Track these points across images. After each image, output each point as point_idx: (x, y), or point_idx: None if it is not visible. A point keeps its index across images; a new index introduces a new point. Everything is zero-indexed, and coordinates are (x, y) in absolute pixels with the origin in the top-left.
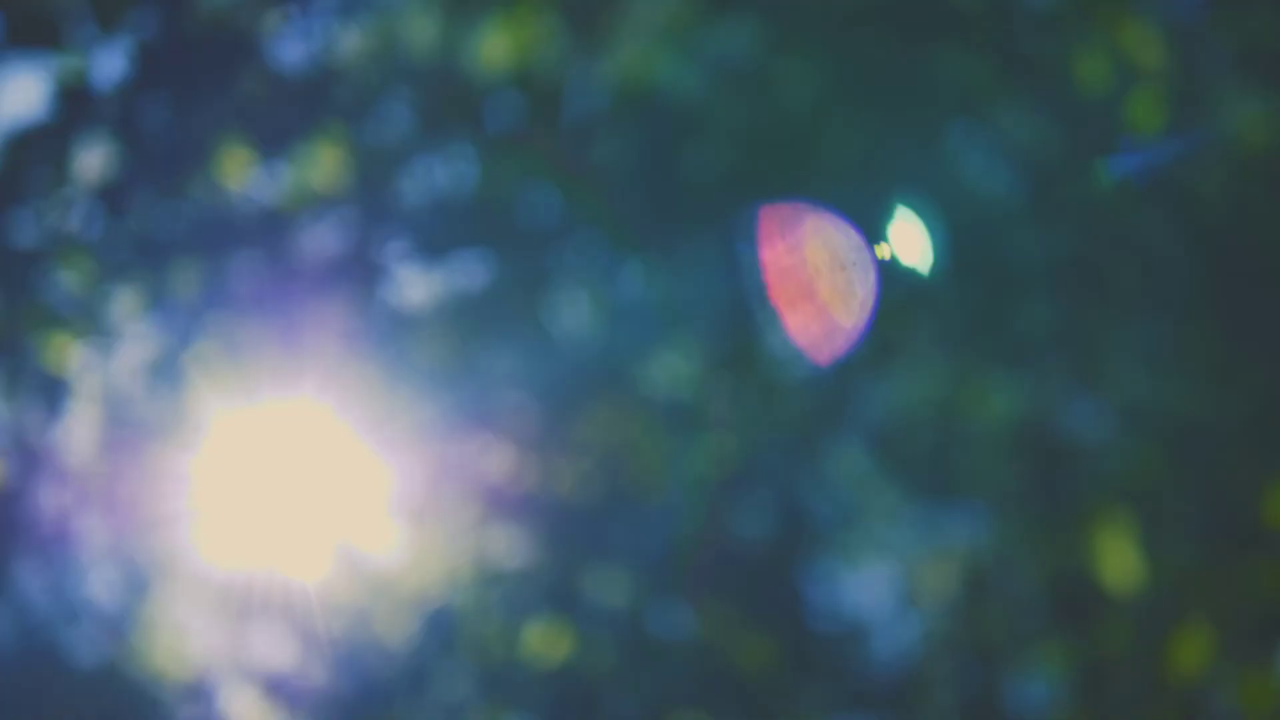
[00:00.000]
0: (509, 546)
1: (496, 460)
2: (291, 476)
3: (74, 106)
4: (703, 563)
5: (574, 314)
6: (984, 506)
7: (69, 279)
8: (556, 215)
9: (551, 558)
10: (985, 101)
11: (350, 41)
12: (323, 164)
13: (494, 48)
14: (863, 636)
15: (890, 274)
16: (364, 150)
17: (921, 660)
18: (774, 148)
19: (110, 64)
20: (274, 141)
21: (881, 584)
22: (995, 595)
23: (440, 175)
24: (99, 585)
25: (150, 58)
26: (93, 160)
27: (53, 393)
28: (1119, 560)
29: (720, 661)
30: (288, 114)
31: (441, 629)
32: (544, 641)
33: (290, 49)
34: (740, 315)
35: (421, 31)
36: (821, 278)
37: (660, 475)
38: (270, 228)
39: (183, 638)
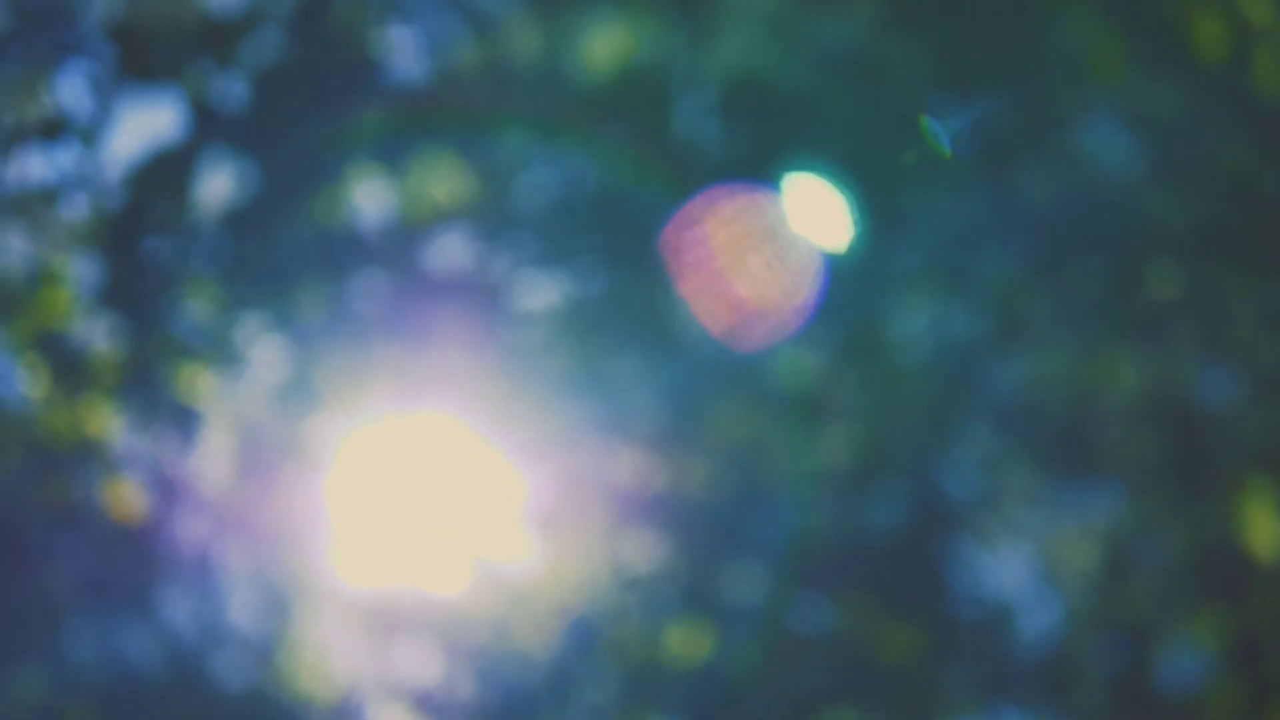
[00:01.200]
0: (644, 549)
1: (627, 464)
2: (426, 491)
3: (196, 134)
4: (839, 554)
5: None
6: (1121, 481)
7: (197, 307)
8: (672, 214)
9: (687, 558)
10: (1107, 69)
11: (460, 54)
12: (442, 177)
13: (599, 50)
14: (1006, 619)
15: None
16: (481, 161)
17: (1067, 640)
18: (886, 133)
19: (230, 90)
20: (392, 158)
21: (1021, 565)
22: (1138, 570)
23: (556, 182)
24: (242, 609)
25: (269, 82)
26: (217, 187)
27: (186, 422)
28: (1265, 528)
29: (862, 653)
30: (402, 130)
31: (581, 635)
32: (684, 642)
33: (404, 65)
34: (861, 303)
35: (527, 39)
36: (744, 258)
37: (791, 469)
38: (393, 244)
39: (327, 657)
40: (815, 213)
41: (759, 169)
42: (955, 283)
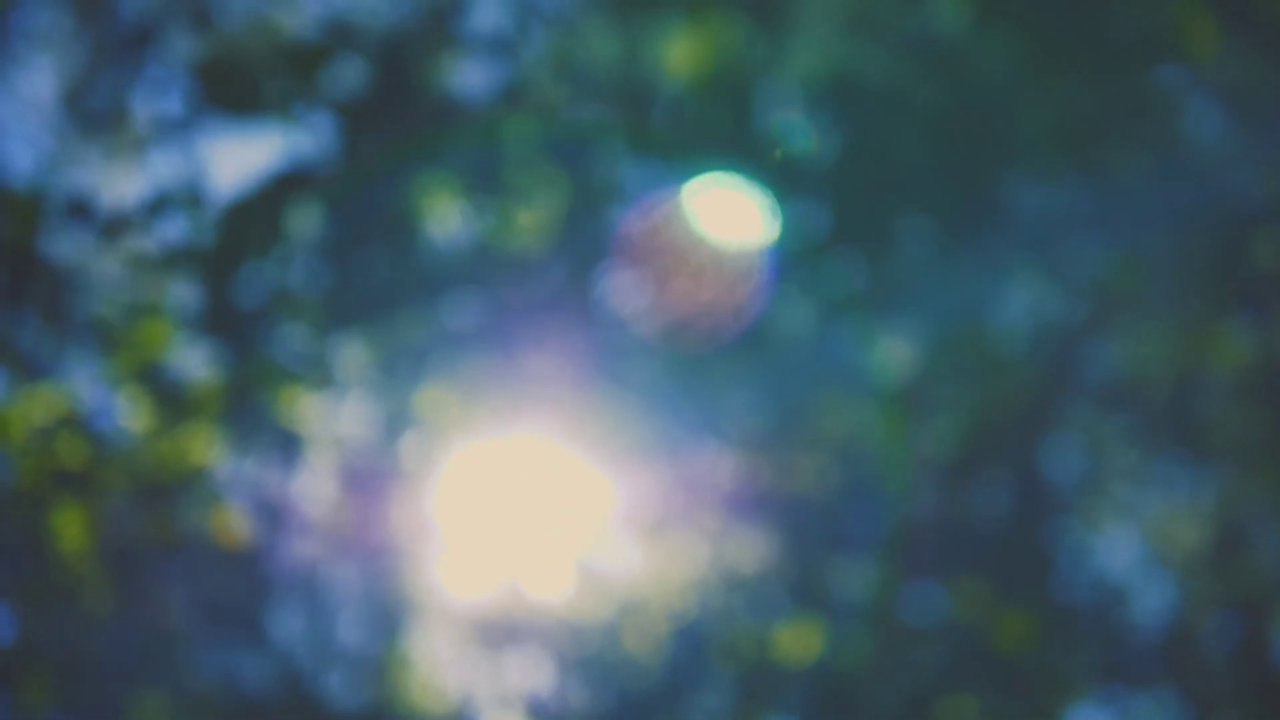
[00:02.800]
0: (750, 549)
1: (730, 466)
2: (531, 502)
3: (288, 162)
4: (947, 544)
5: (792, 311)
6: (1229, 457)
7: (295, 332)
8: (762, 214)
9: (794, 556)
10: (1198, 46)
11: (540, 67)
12: (532, 193)
13: (678, 53)
14: (1119, 602)
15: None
16: (571, 174)
17: (1182, 620)
18: (977, 125)
19: (319, 117)
20: (482, 176)
21: (1131, 546)
22: (1251, 546)
23: (645, 192)
24: (352, 628)
25: (355, 107)
26: (309, 216)
27: (289, 446)
28: None
29: (977, 641)
30: (489, 147)
31: (692, 639)
32: (795, 640)
33: (484, 81)
34: (958, 294)
35: (604, 48)
36: (689, 258)
37: (895, 461)
38: (487, 261)
39: (438, 672)
40: (745, 216)
41: (846, 164)
42: (1053, 267)
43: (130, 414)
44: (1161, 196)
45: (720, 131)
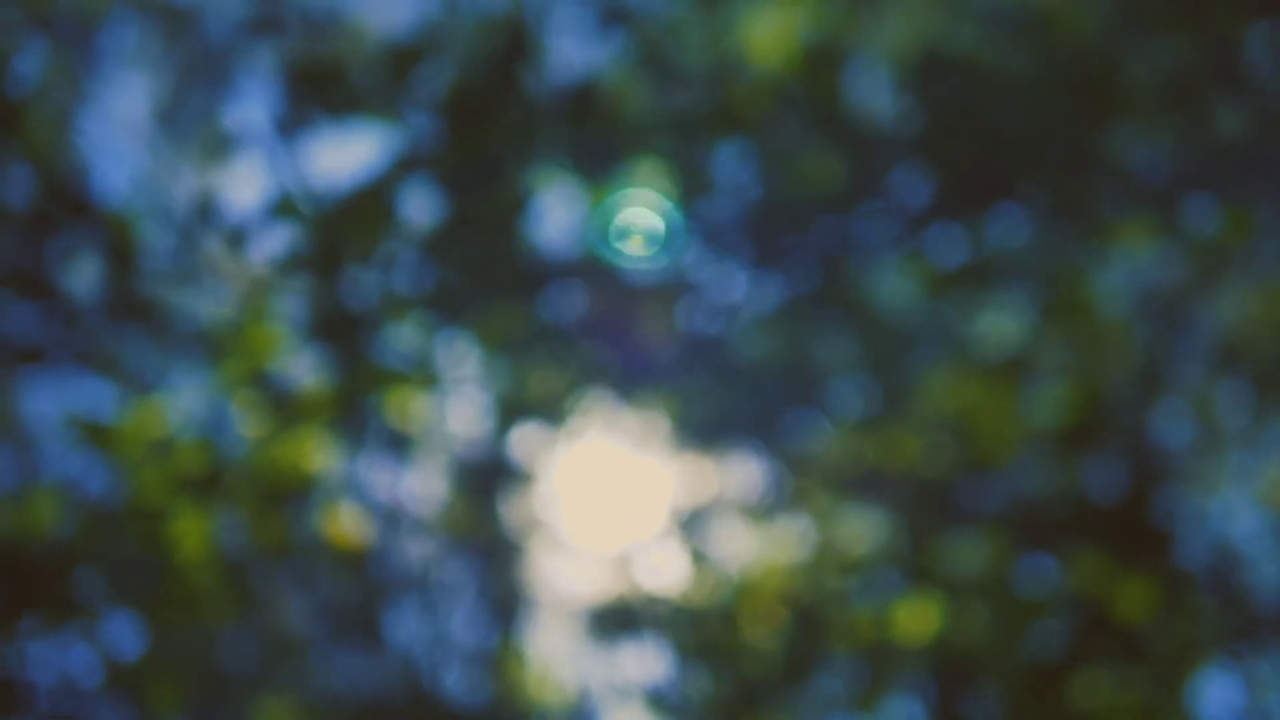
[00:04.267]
0: (863, 529)
1: (839, 445)
2: (640, 492)
3: (390, 163)
4: (1063, 514)
5: (896, 286)
6: None
7: (403, 333)
8: (858, 192)
9: (908, 533)
10: None
11: (629, 58)
12: (632, 183)
13: (764, 37)
14: (1238, 566)
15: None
16: (671, 163)
17: None
18: (1075, 87)
19: (417, 117)
20: (581, 168)
21: (1249, 510)
22: None
23: (744, 178)
24: (469, 625)
25: (452, 105)
26: (412, 215)
27: (401, 447)
28: None
29: (1097, 612)
30: (586, 139)
31: (808, 622)
32: (913, 619)
33: (574, 72)
34: (1063, 260)
35: (691, 36)
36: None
37: (1006, 433)
38: (590, 253)
39: (555, 665)
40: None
41: (942, 136)
42: (1160, 227)
43: (243, 422)
44: (1269, 150)
45: (812, 113)
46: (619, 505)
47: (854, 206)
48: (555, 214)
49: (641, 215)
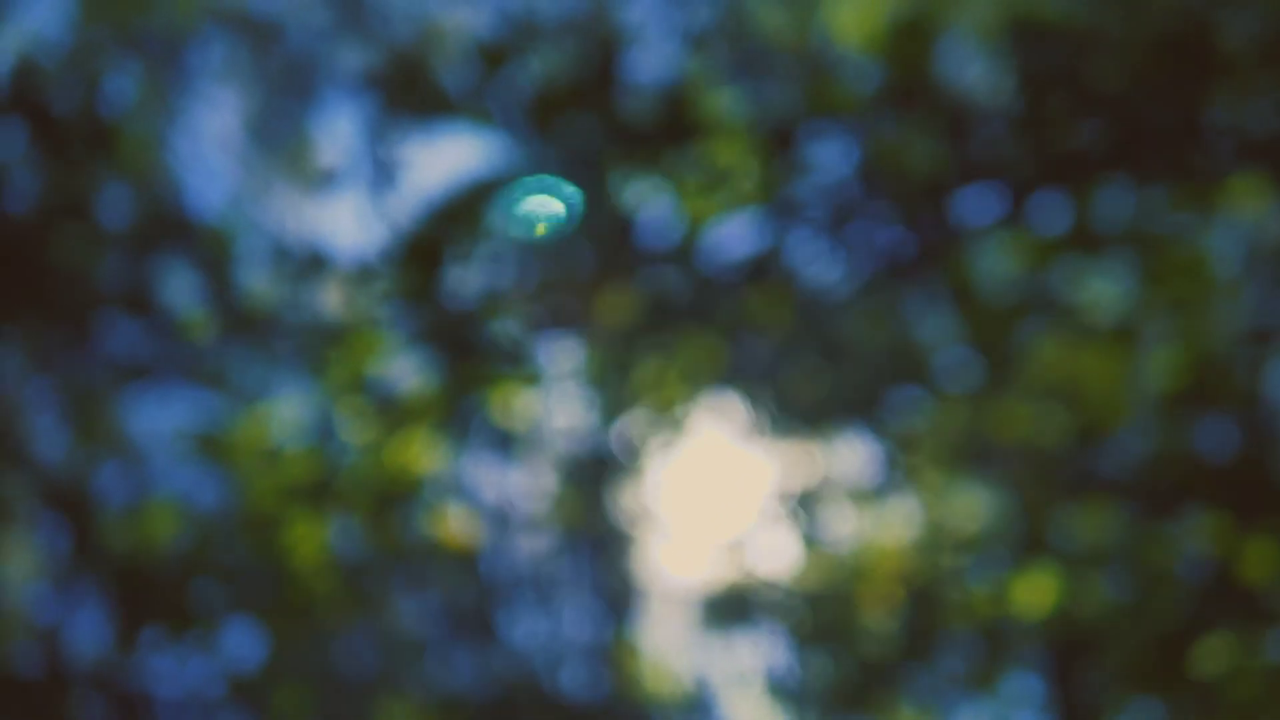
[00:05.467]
0: (976, 503)
1: (948, 419)
2: (749, 478)
3: (484, 162)
4: (1180, 478)
5: (998, 258)
6: None
7: (503, 330)
8: (955, 166)
9: (1022, 505)
10: None
11: (715, 41)
12: (723, 168)
13: (851, 17)
14: None
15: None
16: (761, 146)
17: None
18: (1172, 47)
19: (508, 112)
20: (671, 154)
21: None
22: None
23: (832, 157)
24: (582, 619)
25: (544, 103)
26: (510, 213)
27: (508, 444)
28: None
29: (1219, 575)
30: (674, 125)
31: (925, 601)
32: (1031, 592)
33: (662, 60)
34: (1168, 221)
35: (774, 19)
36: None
37: (1119, 399)
38: (684, 240)
39: (671, 657)
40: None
41: (1038, 104)
42: (1265, 184)
43: (351, 427)
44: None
45: (904, 90)
46: (728, 493)
47: (952, 180)
48: (652, 204)
49: (541, 199)
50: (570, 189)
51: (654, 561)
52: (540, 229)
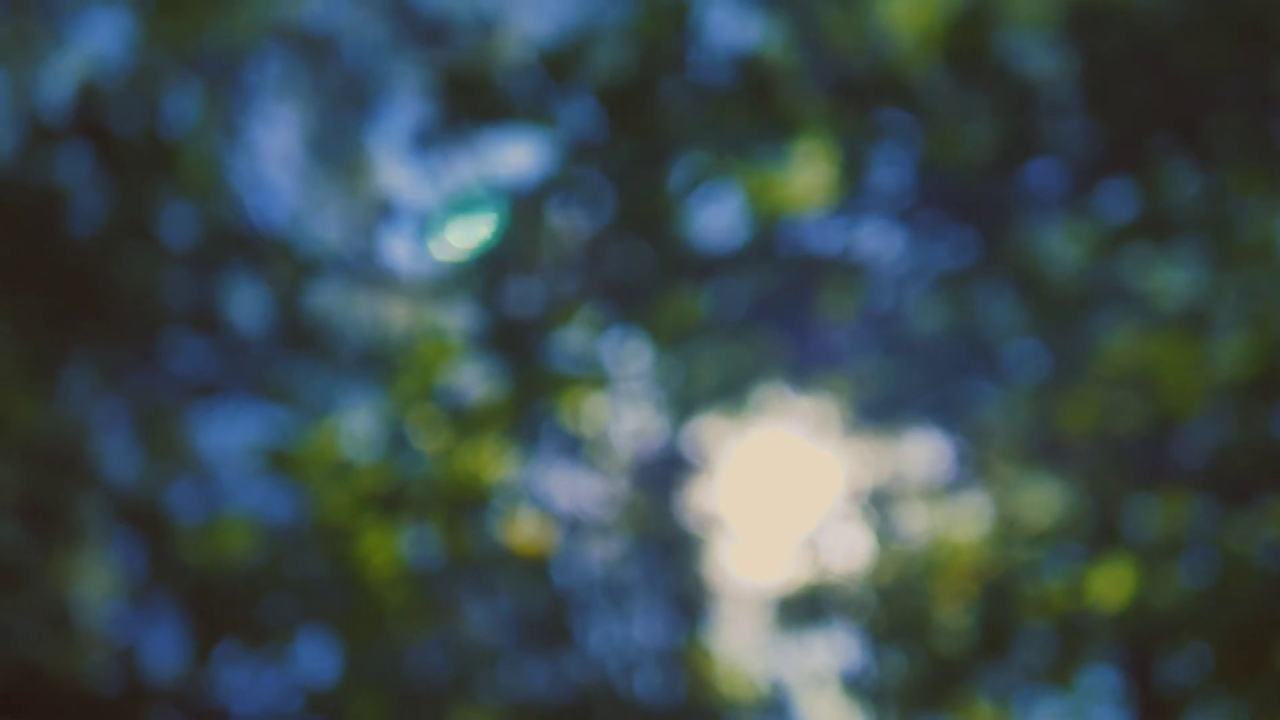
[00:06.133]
0: (1049, 496)
1: (1019, 413)
2: (819, 476)
3: (550, 166)
4: (1257, 465)
5: (1065, 246)
6: None
7: (571, 335)
8: (1020, 152)
9: (1096, 497)
10: None
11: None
12: (793, 167)
13: (905, 12)
14: None
15: None
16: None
17: None
18: (1237, 26)
19: (576, 116)
20: (740, 154)
21: None
22: None
23: (900, 153)
24: (656, 624)
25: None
26: (573, 218)
27: (577, 449)
28: None
29: None
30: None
31: (1000, 595)
32: (1106, 585)
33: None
34: (1236, 206)
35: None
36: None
37: (1192, 387)
38: (753, 240)
39: (745, 658)
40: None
41: (1101, 90)
42: None
43: (420, 436)
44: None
45: (967, 76)
46: (799, 492)
47: (1017, 167)
48: (716, 202)
49: (466, 206)
50: (495, 203)
51: (726, 563)
52: (469, 244)
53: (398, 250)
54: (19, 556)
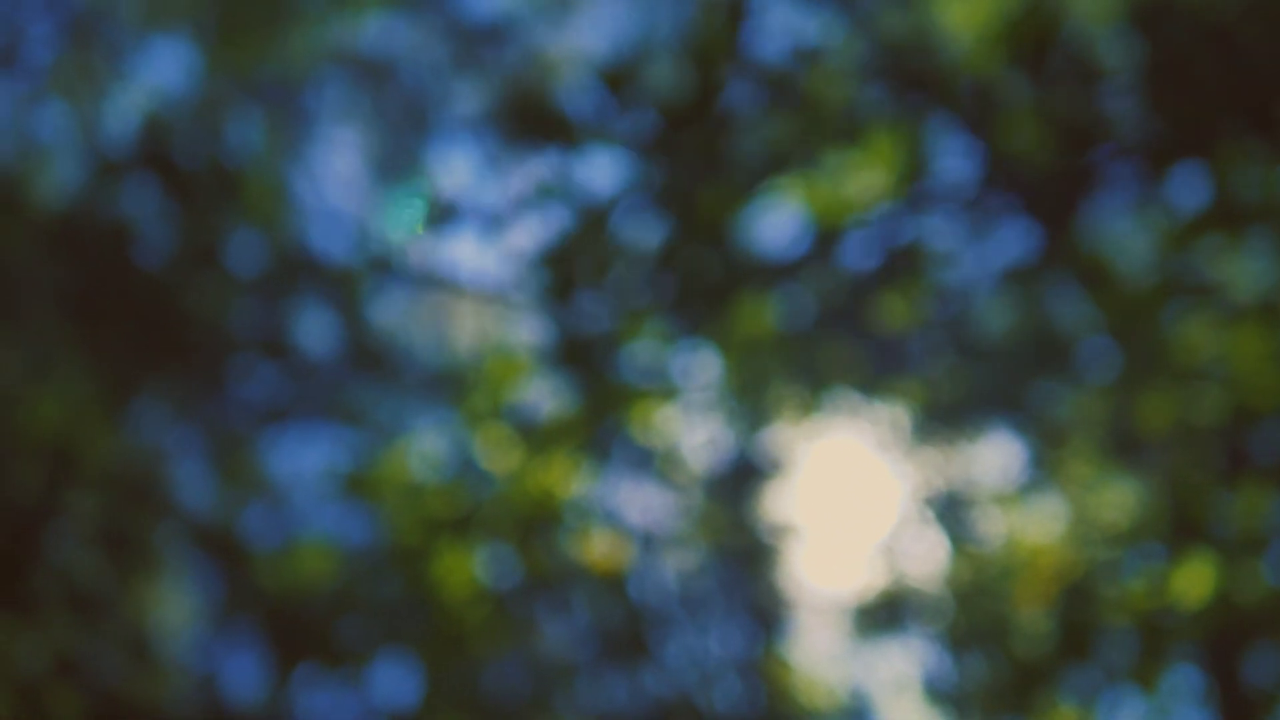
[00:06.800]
0: (1128, 493)
1: (1093, 410)
2: (892, 484)
3: (609, 185)
4: None
5: (1134, 239)
6: None
7: (640, 349)
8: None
9: (1177, 492)
10: None
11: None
12: (856, 170)
13: (962, 12)
14: None
15: None
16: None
17: None
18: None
19: (631, 136)
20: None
21: None
22: None
23: (962, 150)
24: (734, 635)
25: (667, 121)
26: (638, 231)
27: (649, 462)
28: None
29: None
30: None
31: (1081, 597)
32: (1190, 582)
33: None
34: None
35: (889, 20)
36: None
37: (1271, 378)
38: (817, 244)
39: (824, 667)
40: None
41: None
42: None
43: (493, 455)
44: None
45: (1029, 71)
46: (873, 498)
47: (1084, 160)
48: (780, 209)
49: (409, 204)
50: (426, 189)
51: (801, 572)
52: (413, 228)
53: (462, 269)
54: (99, 586)
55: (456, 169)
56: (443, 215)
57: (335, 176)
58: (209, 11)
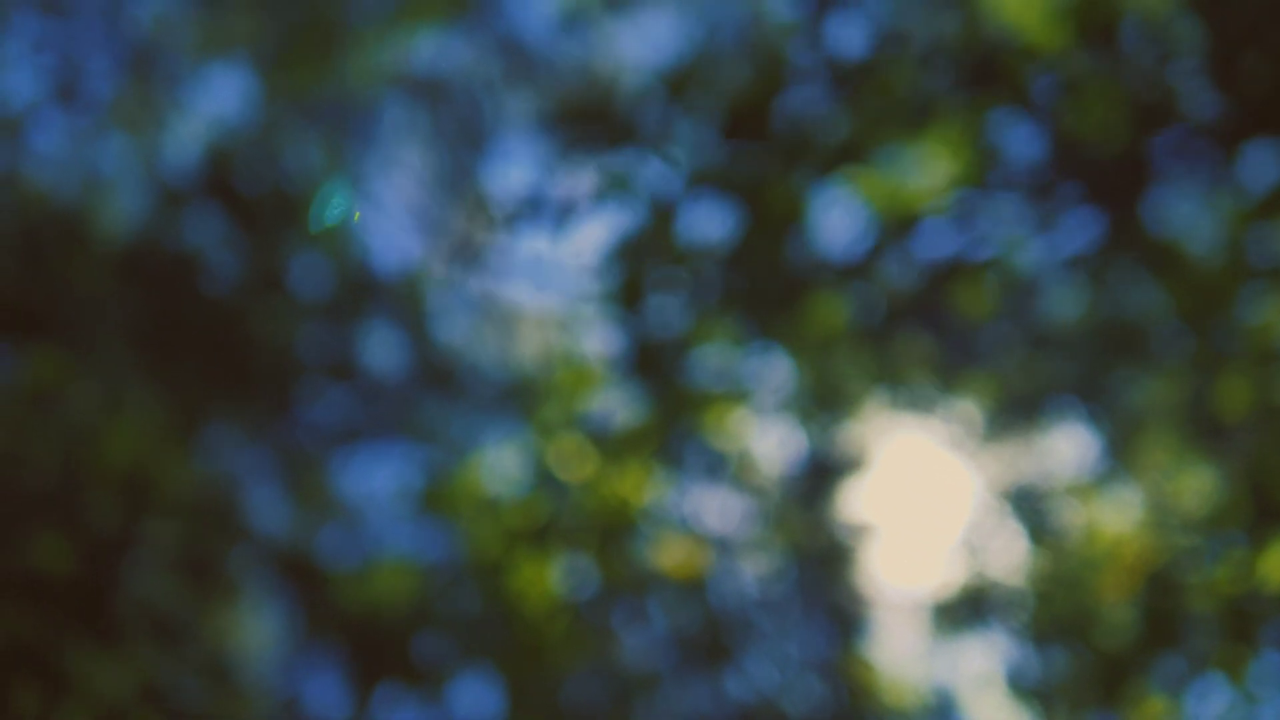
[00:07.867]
0: (1211, 479)
1: (1170, 397)
2: (967, 479)
3: (679, 187)
4: None
5: (1204, 221)
6: None
7: (711, 353)
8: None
9: (1258, 476)
10: None
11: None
12: (928, 162)
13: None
14: None
15: None
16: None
17: None
18: None
19: (692, 139)
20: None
21: None
22: None
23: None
24: (814, 637)
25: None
26: (706, 231)
27: (724, 467)
28: None
29: None
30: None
31: (1165, 586)
32: (1272, 566)
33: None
34: None
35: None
36: None
37: None
38: (882, 242)
39: (906, 665)
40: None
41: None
42: None
43: (567, 466)
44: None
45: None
46: (950, 493)
47: (1152, 142)
48: (847, 205)
49: (335, 200)
50: (349, 186)
51: (880, 571)
52: (336, 221)
53: (527, 282)
54: (179, 612)
55: (518, 178)
56: (509, 221)
57: (396, 195)
58: (266, 38)
